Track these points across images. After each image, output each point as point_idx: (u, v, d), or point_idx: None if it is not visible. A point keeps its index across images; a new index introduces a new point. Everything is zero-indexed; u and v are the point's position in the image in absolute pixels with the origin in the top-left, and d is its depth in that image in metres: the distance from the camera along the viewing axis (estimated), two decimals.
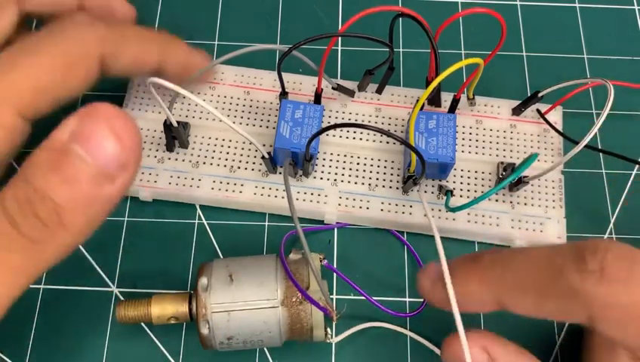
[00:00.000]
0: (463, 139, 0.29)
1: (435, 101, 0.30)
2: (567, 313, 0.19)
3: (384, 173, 0.29)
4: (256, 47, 0.25)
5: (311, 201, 0.28)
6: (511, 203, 0.28)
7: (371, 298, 0.26)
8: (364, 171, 0.29)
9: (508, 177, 0.25)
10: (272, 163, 0.27)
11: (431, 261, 0.22)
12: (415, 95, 0.30)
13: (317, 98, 0.28)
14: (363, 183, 0.28)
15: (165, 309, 0.24)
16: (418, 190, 0.28)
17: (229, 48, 0.33)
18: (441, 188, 0.28)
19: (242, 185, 0.28)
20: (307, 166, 0.27)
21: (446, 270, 0.20)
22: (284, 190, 0.28)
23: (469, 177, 0.29)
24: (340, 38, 0.33)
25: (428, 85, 0.28)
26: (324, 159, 0.29)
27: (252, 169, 0.28)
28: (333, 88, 0.29)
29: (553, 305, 0.19)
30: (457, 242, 0.28)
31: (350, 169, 0.29)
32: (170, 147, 0.28)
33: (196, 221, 0.29)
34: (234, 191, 0.28)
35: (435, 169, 0.27)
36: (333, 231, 0.29)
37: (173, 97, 0.27)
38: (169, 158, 0.29)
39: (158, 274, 0.28)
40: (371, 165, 0.29)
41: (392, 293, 0.27)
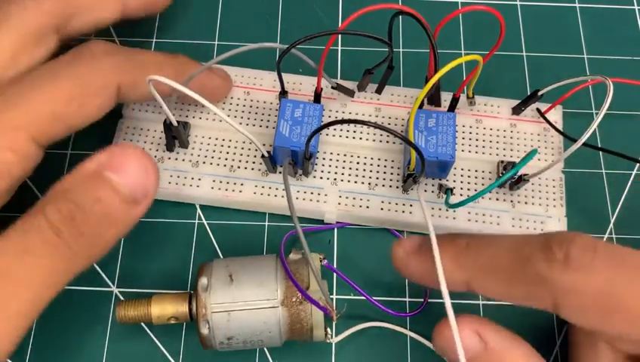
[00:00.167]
0: (463, 138, 0.29)
1: (435, 100, 0.30)
2: (533, 298, 0.20)
3: (384, 173, 0.29)
4: (254, 45, 0.25)
5: (311, 201, 0.28)
6: (511, 202, 0.28)
7: (371, 298, 0.26)
8: (363, 170, 0.29)
9: (508, 173, 0.25)
10: (272, 162, 0.27)
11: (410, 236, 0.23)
12: (415, 95, 0.30)
13: (317, 97, 0.28)
14: (363, 182, 0.28)
15: (165, 309, 0.24)
16: (417, 189, 0.28)
17: (229, 48, 0.32)
18: (441, 186, 0.28)
19: (242, 184, 0.28)
20: (307, 165, 0.27)
21: (440, 269, 0.20)
22: (284, 189, 0.28)
23: (469, 176, 0.29)
24: (340, 38, 0.33)
25: (426, 85, 0.28)
26: (323, 158, 0.29)
27: (252, 168, 0.28)
28: (332, 88, 0.29)
29: (521, 291, 0.20)
30: None
31: (350, 168, 0.29)
32: (170, 147, 0.28)
33: (196, 221, 0.29)
34: (234, 190, 0.28)
35: (435, 167, 0.27)
36: (333, 231, 0.29)
37: (173, 97, 0.27)
38: (169, 158, 0.29)
39: (158, 274, 0.28)
40: (371, 164, 0.29)
41: (392, 293, 0.27)
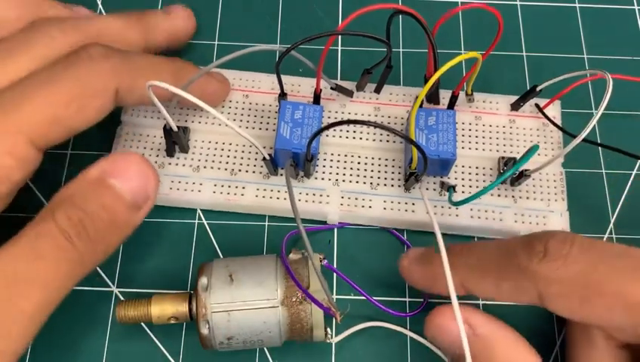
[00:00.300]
0: (463, 135, 0.29)
1: (434, 98, 0.30)
2: (520, 291, 0.21)
3: (385, 172, 0.29)
4: (254, 48, 0.25)
5: (313, 202, 0.28)
6: (513, 197, 0.28)
7: (371, 297, 0.26)
8: (365, 170, 0.29)
9: (510, 169, 0.25)
10: (273, 164, 0.27)
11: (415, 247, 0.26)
12: (414, 93, 0.30)
13: (316, 98, 0.28)
14: (365, 182, 0.28)
15: (165, 309, 0.24)
16: (420, 187, 0.28)
17: (229, 48, 0.33)
18: (442, 184, 0.28)
19: (244, 187, 0.28)
20: (308, 166, 0.27)
21: (445, 260, 0.21)
22: (285, 191, 0.28)
23: (470, 173, 0.29)
24: (340, 38, 0.33)
25: (426, 83, 0.28)
26: (324, 159, 0.29)
27: (253, 171, 0.28)
28: (332, 89, 0.29)
29: (508, 285, 0.22)
30: (457, 238, 0.28)
31: (351, 168, 0.29)
32: (170, 152, 0.28)
33: (196, 221, 0.29)
34: (235, 194, 0.28)
35: (437, 165, 0.27)
36: (333, 231, 0.29)
37: (172, 102, 0.27)
38: (169, 163, 0.29)
39: (158, 274, 0.28)
40: (372, 164, 0.29)
41: (392, 293, 0.27)
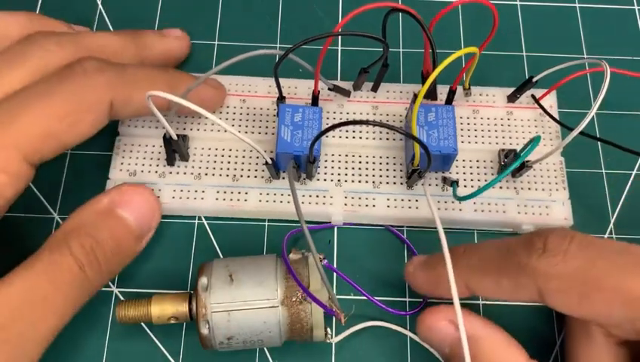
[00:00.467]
0: (462, 129, 0.30)
1: (431, 94, 0.30)
2: (520, 288, 0.22)
3: (387, 170, 0.29)
4: (252, 53, 0.25)
5: (317, 204, 0.28)
6: (515, 188, 0.28)
7: (371, 297, 0.26)
8: (366, 169, 0.29)
9: (513, 163, 0.25)
10: (275, 168, 0.27)
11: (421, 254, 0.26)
12: (411, 90, 0.30)
13: (314, 100, 0.28)
14: (367, 181, 0.28)
15: (165, 309, 0.24)
16: (422, 183, 0.28)
17: (229, 48, 0.33)
18: (445, 179, 0.28)
19: (247, 193, 0.28)
20: (310, 168, 0.27)
21: (448, 260, 0.22)
22: (289, 194, 0.28)
23: (471, 167, 0.29)
24: (340, 38, 0.33)
25: (424, 79, 0.28)
26: (325, 160, 0.29)
27: (255, 176, 0.28)
28: (329, 89, 0.29)
29: (508, 282, 0.22)
30: (459, 234, 0.28)
31: (353, 168, 0.29)
32: (170, 161, 0.28)
33: (196, 221, 0.29)
34: (239, 200, 0.28)
35: (438, 161, 0.27)
36: (333, 230, 0.29)
37: (171, 111, 0.26)
38: (170, 172, 0.28)
39: (158, 274, 0.28)
40: (373, 163, 0.29)
41: (392, 293, 0.27)
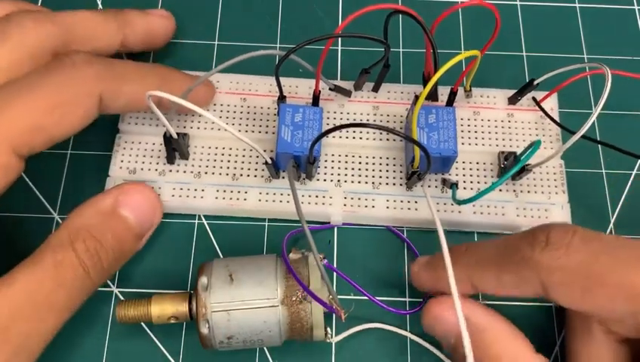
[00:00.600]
0: (462, 131, 0.29)
1: (432, 95, 0.30)
2: (523, 282, 0.21)
3: (387, 171, 0.29)
4: (253, 53, 0.25)
5: (316, 204, 0.28)
6: (514, 191, 0.28)
7: (372, 296, 0.26)
8: (366, 170, 0.29)
9: (513, 166, 0.25)
10: (275, 168, 0.27)
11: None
12: (411, 91, 0.30)
13: (315, 100, 0.28)
14: (367, 182, 0.28)
15: (165, 309, 0.24)
16: (422, 185, 0.28)
17: (229, 48, 0.32)
18: (444, 181, 0.28)
19: (246, 192, 0.28)
20: (310, 168, 0.27)
21: (447, 259, 0.22)
22: (288, 194, 0.28)
23: (471, 169, 0.29)
24: (341, 38, 0.33)
25: (425, 80, 0.28)
26: (325, 161, 0.29)
27: (255, 175, 0.28)
28: (330, 89, 0.29)
29: (511, 277, 0.22)
30: (461, 234, 0.28)
31: (353, 169, 0.29)
32: (170, 159, 0.28)
33: (196, 221, 0.29)
34: (238, 198, 0.28)
35: (438, 163, 0.27)
36: (333, 230, 0.29)
37: (171, 110, 0.26)
38: (170, 171, 0.28)
39: (158, 274, 0.28)
40: (373, 163, 0.29)
41: (392, 293, 0.27)
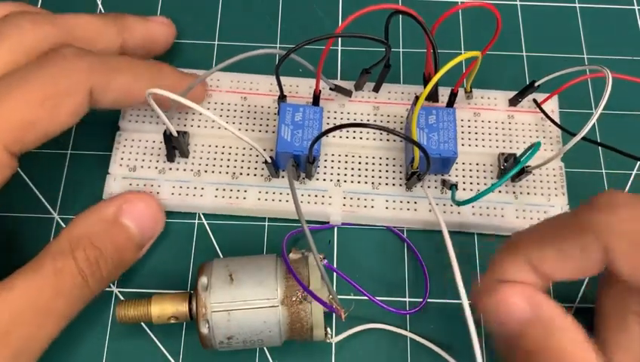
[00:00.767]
0: (462, 132, 0.29)
1: (433, 96, 0.30)
2: (584, 250, 0.20)
3: (386, 171, 0.29)
4: (253, 52, 0.25)
5: (315, 203, 0.28)
6: (514, 193, 0.28)
7: (372, 296, 0.26)
8: (366, 170, 0.29)
9: (513, 168, 0.25)
10: (275, 167, 0.27)
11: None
12: (412, 91, 0.30)
13: (315, 99, 0.28)
14: (366, 182, 0.28)
15: (165, 309, 0.24)
16: (422, 186, 0.28)
17: (229, 48, 0.33)
18: (444, 182, 0.28)
19: (246, 191, 0.28)
20: (310, 168, 0.27)
21: (455, 263, 0.21)
22: (288, 193, 0.28)
23: (471, 170, 0.29)
24: (340, 39, 0.33)
25: (425, 81, 0.28)
26: (325, 160, 0.29)
27: (254, 174, 0.28)
28: (330, 89, 0.29)
29: (571, 245, 0.20)
30: (459, 235, 0.28)
31: (352, 169, 0.29)
32: (170, 157, 0.28)
33: (196, 221, 0.29)
34: (237, 197, 0.28)
35: (438, 164, 0.27)
36: (333, 230, 0.29)
37: (171, 107, 0.26)
38: (170, 169, 0.28)
39: (158, 274, 0.28)
40: (373, 163, 0.29)
41: (392, 293, 0.27)
